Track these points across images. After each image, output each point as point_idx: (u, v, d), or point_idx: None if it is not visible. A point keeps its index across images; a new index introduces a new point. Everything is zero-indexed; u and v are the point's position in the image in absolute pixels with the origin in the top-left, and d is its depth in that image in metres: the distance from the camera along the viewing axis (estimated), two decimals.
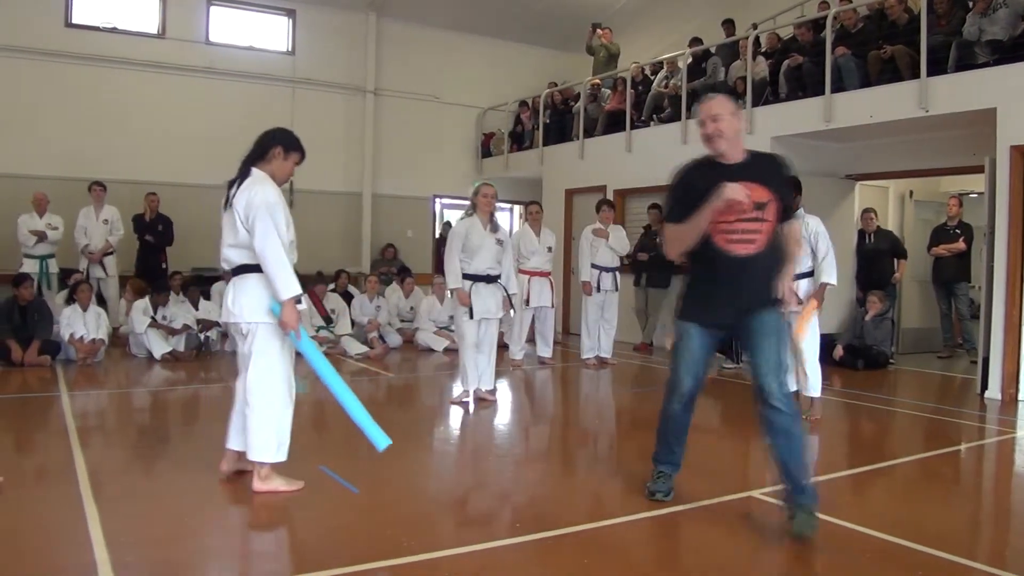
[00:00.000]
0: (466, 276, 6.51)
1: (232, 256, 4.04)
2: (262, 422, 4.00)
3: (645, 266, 10.19)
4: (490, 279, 6.57)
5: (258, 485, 4.04)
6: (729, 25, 11.03)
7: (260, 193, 3.91)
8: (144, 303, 8.91)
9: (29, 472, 4.54)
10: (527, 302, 8.93)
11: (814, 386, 6.07)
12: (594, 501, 4.29)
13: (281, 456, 4.04)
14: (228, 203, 4.03)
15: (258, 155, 4.10)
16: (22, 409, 6.38)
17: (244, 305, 3.98)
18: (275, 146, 4.12)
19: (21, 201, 9.92)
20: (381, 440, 4.02)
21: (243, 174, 4.05)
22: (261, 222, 3.84)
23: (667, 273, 10.04)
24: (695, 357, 3.80)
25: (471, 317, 6.51)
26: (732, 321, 3.74)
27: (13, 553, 3.18)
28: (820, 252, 5.96)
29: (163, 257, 10.87)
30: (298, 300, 3.95)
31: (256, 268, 3.96)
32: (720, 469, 5.00)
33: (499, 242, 6.61)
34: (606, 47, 13.21)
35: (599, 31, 13.30)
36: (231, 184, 4.06)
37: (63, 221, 9.94)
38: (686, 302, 3.84)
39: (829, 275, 5.93)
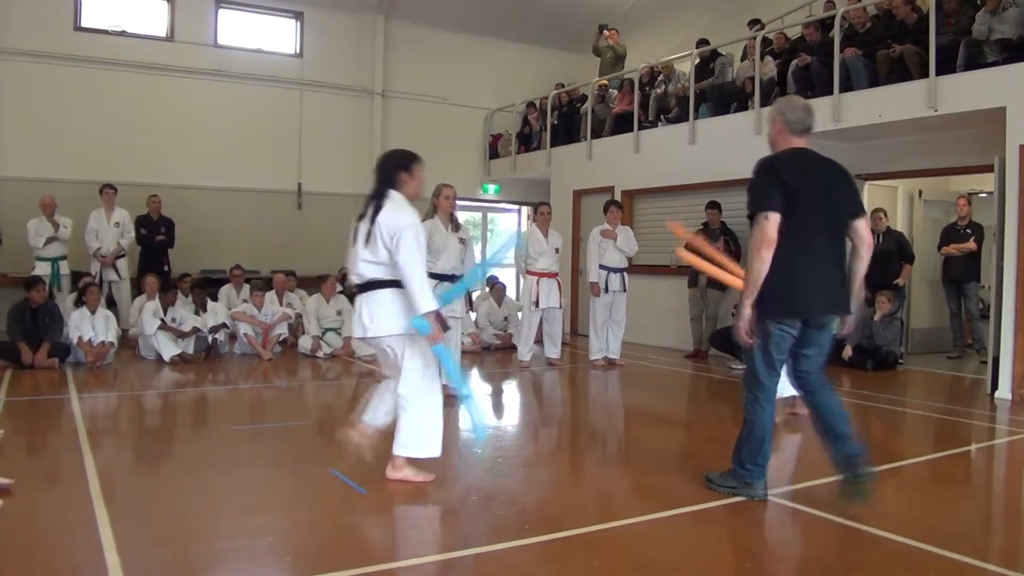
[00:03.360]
0: (431, 275, 6.60)
1: (366, 271, 4.19)
2: (412, 423, 4.20)
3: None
4: (455, 279, 6.67)
5: (391, 473, 4.24)
6: (754, 24, 10.88)
7: (406, 216, 4.11)
8: (155, 305, 8.94)
9: (39, 474, 4.56)
10: (536, 303, 8.94)
11: None
12: (603, 502, 4.29)
13: (425, 453, 4.22)
14: (367, 219, 4.17)
15: (388, 184, 4.23)
16: (32, 411, 6.41)
17: (381, 318, 4.16)
18: (398, 172, 4.24)
19: (32, 204, 9.98)
20: (481, 434, 4.68)
21: (380, 195, 4.20)
22: (406, 243, 4.03)
23: None
24: None
25: None
26: None
27: (24, 556, 3.20)
28: None
29: (166, 259, 10.89)
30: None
31: (388, 284, 4.14)
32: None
33: (461, 241, 6.79)
34: (613, 48, 13.21)
35: (606, 32, 13.29)
36: (368, 201, 4.23)
37: (71, 222, 10.01)
38: None
39: None
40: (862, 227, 3.94)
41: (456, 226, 6.81)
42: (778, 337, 3.85)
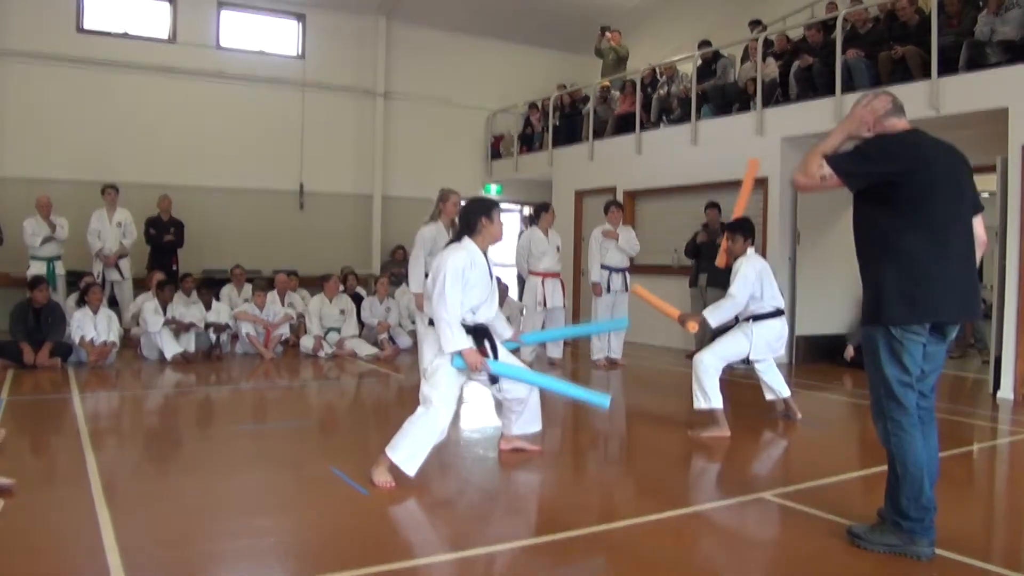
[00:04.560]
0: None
1: (429, 310, 4.44)
2: (409, 433, 4.25)
3: (706, 265, 9.53)
4: None
5: (373, 469, 4.28)
6: (755, 25, 10.91)
7: (451, 259, 4.31)
8: (154, 303, 8.95)
9: (41, 475, 4.56)
10: (543, 304, 8.95)
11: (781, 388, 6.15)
12: (605, 503, 4.29)
13: (406, 468, 4.20)
14: None
15: (468, 231, 4.48)
16: (34, 411, 6.41)
17: (423, 353, 4.52)
18: (479, 217, 4.47)
19: (34, 204, 9.98)
20: (602, 400, 4.58)
21: (454, 240, 4.52)
22: (439, 284, 4.24)
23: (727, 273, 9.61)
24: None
25: None
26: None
27: (26, 556, 3.20)
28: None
29: (175, 259, 10.94)
30: (482, 337, 4.43)
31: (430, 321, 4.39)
32: (732, 471, 4.99)
33: None
34: (615, 50, 13.19)
35: (608, 34, 13.28)
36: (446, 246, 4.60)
37: (68, 223, 10.01)
38: None
39: (711, 313, 5.70)
40: (978, 224, 3.44)
41: None
42: (910, 346, 3.23)
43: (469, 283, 4.32)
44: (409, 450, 4.21)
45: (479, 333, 4.43)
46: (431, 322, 4.38)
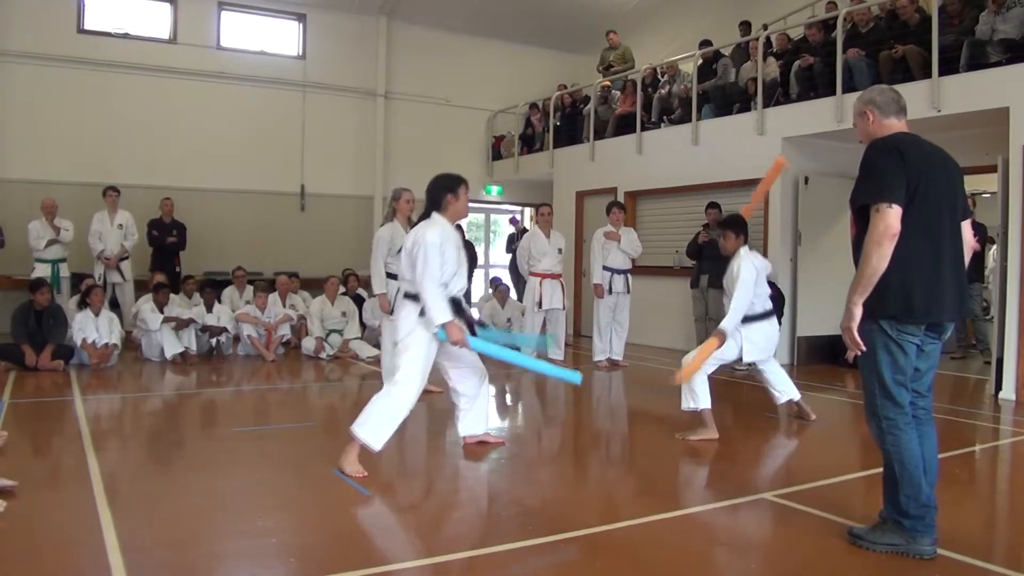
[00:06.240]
0: (392, 276, 6.89)
1: (403, 284, 4.69)
2: (377, 411, 4.38)
3: (707, 266, 9.46)
4: None
5: (342, 459, 4.40)
6: (745, 27, 11.02)
7: (428, 234, 4.46)
8: (150, 304, 8.96)
9: (43, 476, 4.57)
10: (539, 304, 8.94)
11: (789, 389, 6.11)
12: (606, 503, 4.29)
13: (373, 444, 4.35)
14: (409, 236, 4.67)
15: (434, 205, 4.64)
16: (36, 413, 6.42)
17: (398, 326, 4.59)
18: (444, 195, 4.62)
19: (35, 206, 10.00)
20: (574, 376, 4.90)
21: (424, 216, 4.65)
22: (422, 259, 4.39)
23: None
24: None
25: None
26: None
27: (28, 558, 3.20)
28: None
29: (177, 261, 10.96)
30: (458, 310, 4.54)
31: (413, 296, 4.52)
32: (733, 471, 4.98)
33: None
34: (616, 63, 13.11)
35: (609, 42, 13.23)
36: (415, 223, 4.76)
37: (73, 225, 10.03)
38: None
39: (727, 323, 5.63)
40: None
41: None
42: (905, 345, 3.29)
43: (444, 256, 4.45)
44: (377, 428, 4.34)
45: (454, 307, 4.54)
46: (408, 295, 4.48)
